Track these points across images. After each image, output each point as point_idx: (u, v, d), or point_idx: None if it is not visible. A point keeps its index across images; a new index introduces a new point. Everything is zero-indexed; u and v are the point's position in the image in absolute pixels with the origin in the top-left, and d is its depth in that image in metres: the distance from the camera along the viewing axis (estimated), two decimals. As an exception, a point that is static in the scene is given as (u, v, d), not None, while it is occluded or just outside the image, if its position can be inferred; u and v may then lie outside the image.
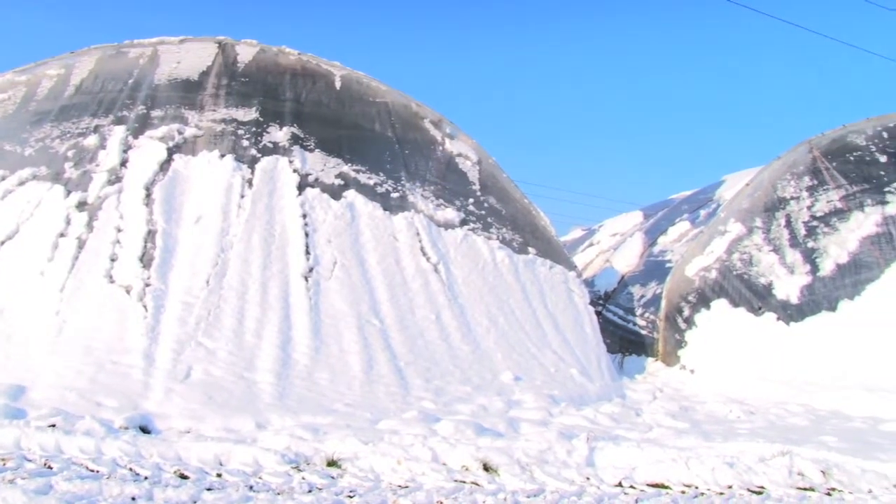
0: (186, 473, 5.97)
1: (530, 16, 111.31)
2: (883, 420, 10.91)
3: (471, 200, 13.21)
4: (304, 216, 11.31)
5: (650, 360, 14.58)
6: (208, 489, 5.62)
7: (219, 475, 6.06)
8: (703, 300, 14.80)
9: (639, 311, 15.61)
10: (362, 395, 8.90)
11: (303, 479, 6.18)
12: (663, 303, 14.74)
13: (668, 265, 15.96)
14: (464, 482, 6.58)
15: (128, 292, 9.34)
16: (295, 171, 11.79)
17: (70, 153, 11.14)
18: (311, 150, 12.20)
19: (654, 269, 16.54)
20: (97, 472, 5.78)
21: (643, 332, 15.18)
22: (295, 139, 12.21)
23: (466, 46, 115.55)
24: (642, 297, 15.94)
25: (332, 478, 6.33)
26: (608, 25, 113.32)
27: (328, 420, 7.85)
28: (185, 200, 10.81)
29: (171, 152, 11.31)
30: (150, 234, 10.15)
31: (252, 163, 11.64)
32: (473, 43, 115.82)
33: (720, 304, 14.77)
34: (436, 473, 6.68)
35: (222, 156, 11.52)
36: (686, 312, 14.72)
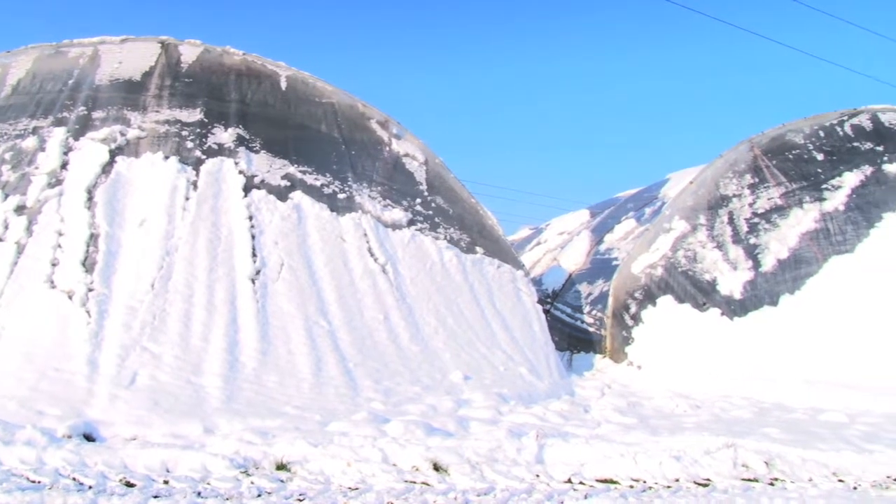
0: (132, 481, 5.90)
1: (475, 16, 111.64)
2: (823, 410, 11.20)
3: (418, 201, 13.22)
4: (251, 218, 11.21)
5: (598, 357, 14.75)
6: (155, 496, 5.56)
7: (166, 482, 5.99)
8: (650, 297, 15.02)
9: (586, 309, 15.78)
10: (311, 398, 8.87)
11: (252, 483, 6.15)
12: (610, 300, 14.92)
13: (614, 263, 16.15)
14: (414, 482, 6.60)
15: (70, 297, 9.16)
16: (241, 172, 11.68)
17: (7, 155, 10.87)
18: (257, 152, 12.10)
19: (601, 266, 16.73)
20: (39, 482, 5.67)
21: (591, 329, 15.35)
22: (240, 140, 12.08)
23: (412, 47, 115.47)
24: (590, 294, 16.12)
25: (282, 481, 6.30)
26: (552, 26, 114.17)
27: (277, 423, 7.80)
28: (129, 203, 10.63)
29: (113, 154, 11.11)
30: (93, 238, 9.96)
31: (197, 164, 11.50)
32: (418, 43, 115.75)
33: (666, 301, 15.00)
34: (386, 474, 6.68)
35: (166, 157, 11.35)
36: (633, 309, 14.92)
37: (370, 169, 13.03)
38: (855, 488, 7.67)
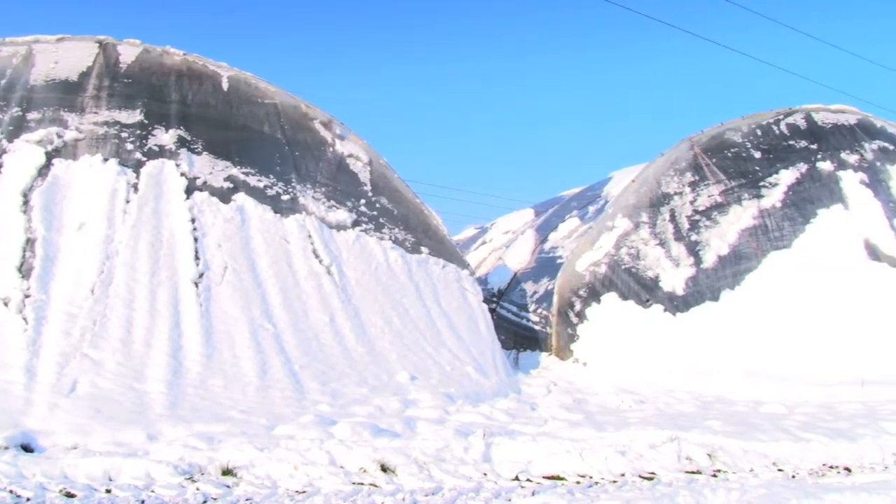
0: (73, 492, 5.79)
1: (417, 15, 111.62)
2: (763, 402, 11.48)
3: (362, 201, 13.19)
4: (193, 221, 11.07)
5: (544, 354, 14.87)
6: (97, 506, 5.48)
7: (108, 491, 5.90)
8: (594, 294, 15.20)
9: (532, 308, 15.90)
10: (257, 401, 8.80)
11: (197, 489, 6.09)
12: (555, 298, 15.05)
13: (559, 261, 16.31)
14: (362, 484, 6.61)
15: (5, 304, 8.94)
16: (182, 174, 11.52)
17: (-63, 159, 10.57)
18: (199, 153, 11.94)
19: (546, 265, 16.88)
20: (-27, 496, 5.54)
21: (537, 327, 15.48)
22: (182, 142, 11.91)
23: (352, 46, 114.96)
24: (535, 293, 16.25)
25: (228, 487, 6.26)
26: (495, 24, 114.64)
27: (223, 428, 7.73)
28: (67, 207, 10.40)
29: (49, 156, 10.85)
30: (29, 243, 9.73)
31: (137, 167, 11.30)
32: (359, 43, 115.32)
33: (610, 298, 15.19)
34: (333, 477, 6.68)
35: (105, 160, 11.13)
36: (577, 307, 15.08)
37: (314, 170, 12.96)
38: (793, 476, 7.89)
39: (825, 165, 18.09)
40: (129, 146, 11.46)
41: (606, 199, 17.82)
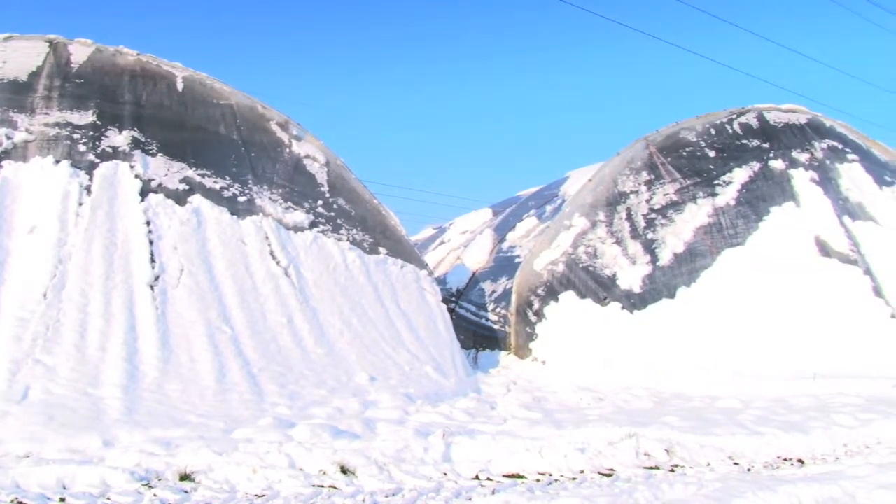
0: (25, 501, 5.69)
1: (373, 16, 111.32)
2: (719, 398, 11.67)
3: (320, 202, 13.13)
4: (148, 223, 10.93)
5: (503, 353, 14.92)
6: (51, 515, 5.39)
7: (62, 500, 5.80)
8: (552, 293, 15.29)
9: (490, 307, 15.95)
10: (215, 405, 8.72)
11: (154, 496, 6.02)
12: (514, 297, 15.12)
13: (517, 260, 16.38)
14: (322, 486, 6.59)
15: (-45, 310, 8.77)
16: (137, 176, 11.36)
17: None
18: (154, 155, 11.79)
19: (504, 264, 16.94)
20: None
21: (495, 326, 15.53)
22: (136, 143, 11.75)
23: (309, 49, 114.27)
24: (493, 292, 16.30)
25: (186, 492, 6.19)
26: (450, 24, 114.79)
27: (180, 433, 7.64)
28: (17, 210, 10.19)
29: (-2, 159, 10.67)
30: (-21, 247, 9.55)
31: (90, 168, 11.12)
32: (316, 45, 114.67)
33: (568, 297, 15.29)
34: (293, 480, 6.65)
35: (57, 161, 10.94)
36: (536, 306, 15.16)
37: (270, 171, 12.87)
38: (749, 470, 8.04)
39: (777, 164, 18.41)
40: (82, 148, 11.27)
41: (563, 199, 17.94)
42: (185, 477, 6.49)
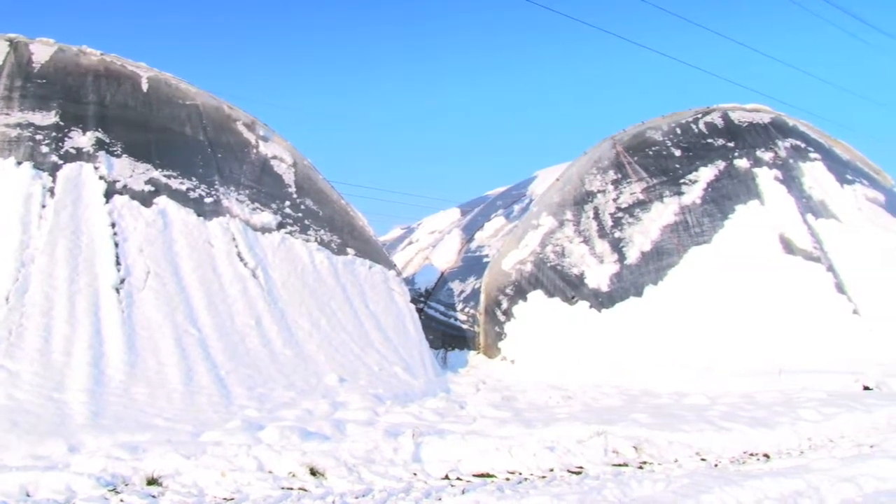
0: (-13, 509, 5.61)
1: (337, 17, 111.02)
2: (686, 394, 11.79)
3: (287, 203, 13.06)
4: (113, 225, 10.79)
5: (472, 353, 14.97)
6: (15, 522, 5.32)
7: (27, 506, 5.73)
8: (520, 292, 15.35)
9: (459, 307, 15.98)
10: (183, 408, 8.64)
11: (121, 501, 5.95)
12: (482, 297, 15.16)
13: (485, 260, 16.43)
14: (291, 489, 6.56)
15: (-85, 315, 8.61)
16: (101, 177, 11.21)
17: None
18: (118, 156, 11.65)
19: (473, 264, 16.98)
20: None
21: (464, 326, 15.56)
22: (100, 144, 11.60)
23: (276, 50, 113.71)
24: (462, 292, 16.33)
25: (153, 497, 6.13)
26: (416, 24, 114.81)
27: (147, 437, 7.56)
28: (-22, 213, 10.05)
29: (-41, 161, 10.49)
30: (-61, 251, 9.38)
31: (53, 170, 10.96)
32: (283, 46, 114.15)
33: (536, 296, 15.36)
34: (262, 482, 6.61)
35: (19, 163, 10.77)
36: (504, 305, 15.21)
37: (237, 172, 12.77)
38: (716, 465, 8.13)
39: (742, 163, 18.63)
40: (45, 149, 11.11)
41: (531, 198, 18.02)
42: (152, 481, 6.43)
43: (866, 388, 12.71)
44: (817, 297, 16.27)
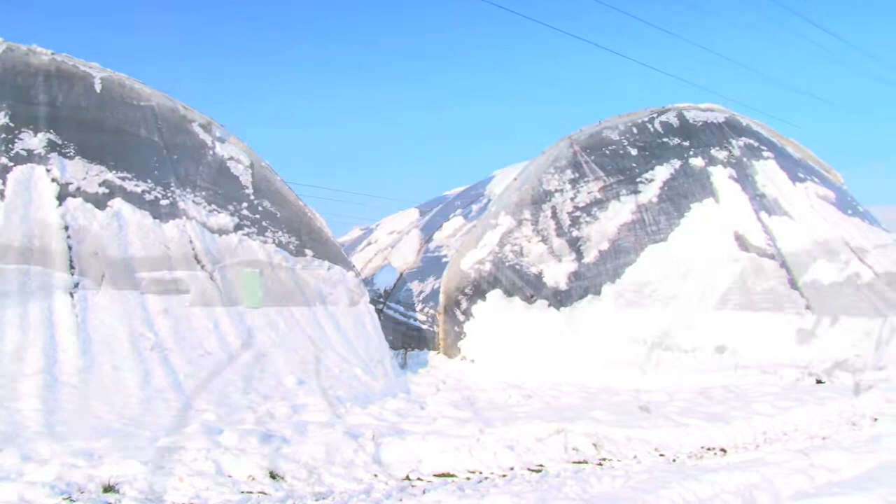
0: (-66, 523, 5.49)
1: (296, 18, 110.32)
2: (645, 391, 11.95)
3: (244, 205, 12.94)
4: (67, 228, 10.60)
5: (432, 353, 14.97)
6: (-36, 535, 5.21)
7: (-24, 518, 5.62)
8: (479, 292, 15.38)
9: (419, 307, 15.98)
10: (140, 413, 8.54)
11: (76, 509, 5.87)
12: (441, 297, 15.17)
13: (444, 260, 16.45)
14: (251, 493, 6.53)
15: None
16: (53, 180, 10.99)
17: None
18: (71, 158, 11.44)
19: (432, 264, 17.00)
20: None
21: (424, 326, 15.57)
22: (52, 146, 11.38)
23: (232, 52, 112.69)
24: (421, 292, 16.34)
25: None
26: (370, 23, 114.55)
27: (103, 443, 7.45)
28: (-74, 217, 9.82)
29: None
30: None
31: (3, 172, 10.72)
32: (239, 46, 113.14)
33: (495, 295, 15.40)
34: (221, 487, 6.56)
35: (-33, 166, 10.56)
36: (464, 305, 15.23)
37: (194, 174, 12.62)
38: (674, 460, 8.26)
39: (697, 161, 18.84)
40: (-6, 151, 10.88)
41: (489, 198, 18.07)
42: (108, 489, 6.34)
43: (819, 382, 12.98)
44: (771, 292, 16.52)
